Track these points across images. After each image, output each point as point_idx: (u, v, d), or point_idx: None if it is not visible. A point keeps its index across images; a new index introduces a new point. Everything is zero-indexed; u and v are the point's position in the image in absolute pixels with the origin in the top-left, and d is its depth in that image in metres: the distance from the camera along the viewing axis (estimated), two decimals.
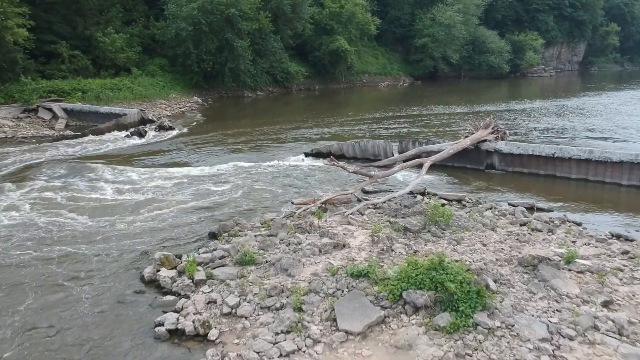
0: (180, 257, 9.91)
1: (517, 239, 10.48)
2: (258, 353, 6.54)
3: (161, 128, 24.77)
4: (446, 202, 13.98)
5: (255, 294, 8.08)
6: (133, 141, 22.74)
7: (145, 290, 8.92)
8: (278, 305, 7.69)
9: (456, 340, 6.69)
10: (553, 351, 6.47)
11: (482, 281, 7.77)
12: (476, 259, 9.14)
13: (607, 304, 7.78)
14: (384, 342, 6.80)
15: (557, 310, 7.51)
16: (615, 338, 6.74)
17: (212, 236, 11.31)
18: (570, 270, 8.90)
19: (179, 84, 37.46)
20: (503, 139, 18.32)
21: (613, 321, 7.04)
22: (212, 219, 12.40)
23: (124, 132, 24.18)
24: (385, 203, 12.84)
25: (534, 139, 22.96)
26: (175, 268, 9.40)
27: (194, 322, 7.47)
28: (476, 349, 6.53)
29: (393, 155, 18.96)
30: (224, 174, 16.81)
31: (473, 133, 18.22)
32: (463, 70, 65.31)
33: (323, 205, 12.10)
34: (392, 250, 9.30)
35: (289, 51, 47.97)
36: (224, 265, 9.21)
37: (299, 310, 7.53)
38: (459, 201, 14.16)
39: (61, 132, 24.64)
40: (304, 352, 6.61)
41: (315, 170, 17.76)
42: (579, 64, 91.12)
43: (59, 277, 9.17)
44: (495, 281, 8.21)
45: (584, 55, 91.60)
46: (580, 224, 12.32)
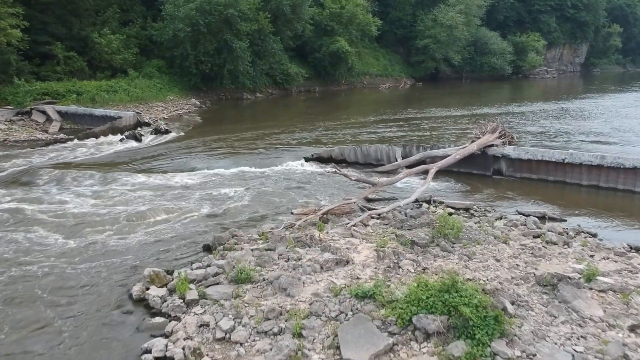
0: (171, 273, 9.26)
1: (532, 253, 9.81)
2: None
3: (157, 131, 24.10)
4: (453, 210, 13.40)
5: (251, 316, 7.42)
6: (128, 145, 22.08)
7: (133, 310, 8.26)
8: (276, 330, 7.03)
9: None
10: None
11: (498, 304, 7.11)
12: (490, 277, 8.47)
13: (634, 329, 7.12)
14: None
15: (581, 337, 6.85)
16: None
17: (207, 249, 10.66)
18: (592, 289, 8.23)
19: (176, 86, 36.76)
20: (510, 143, 17.69)
21: None
22: (206, 229, 11.74)
23: (119, 136, 23.51)
24: (389, 213, 12.18)
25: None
26: (165, 286, 8.75)
27: (184, 349, 6.82)
28: None
29: (396, 161, 18.33)
30: (221, 180, 16.16)
31: (479, 137, 17.58)
32: (465, 72, 64.65)
33: (324, 216, 11.44)
34: (400, 267, 8.64)
35: (289, 52, 47.28)
36: (218, 284, 8.54)
37: (299, 336, 6.87)
38: (466, 210, 13.51)
39: (54, 136, 23.98)
40: None
41: (315, 175, 17.12)
42: (580, 65, 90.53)
43: (37, 298, 8.47)
44: (513, 303, 7.54)
45: (586, 57, 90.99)
46: (595, 235, 11.68)
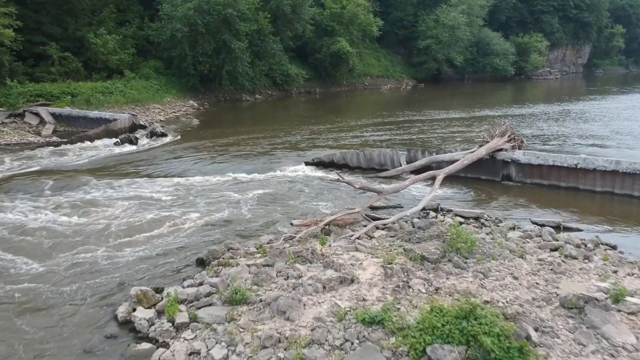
0: (161, 291, 8.54)
1: (551, 269, 9.06)
2: None
3: (153, 134, 23.35)
4: (462, 220, 12.67)
5: (247, 343, 6.69)
6: (122, 149, 21.32)
7: (117, 334, 7.53)
8: None
9: None
10: None
11: (522, 331, 6.37)
12: (509, 298, 7.72)
13: None
14: None
15: None
16: None
17: (200, 263, 9.93)
18: (620, 311, 7.49)
19: (174, 87, 35.99)
20: (520, 147, 16.95)
21: None
22: (200, 241, 11.00)
23: (113, 139, 22.76)
24: (396, 223, 11.44)
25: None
26: (154, 306, 8.02)
27: None
28: None
29: (401, 165, 17.61)
30: (218, 186, 15.41)
31: (487, 141, 16.84)
32: (467, 73, 63.87)
33: (326, 227, 10.70)
34: (410, 287, 7.89)
35: (289, 53, 46.52)
36: (210, 305, 7.80)
37: None
38: (476, 219, 12.77)
39: (47, 139, 23.24)
40: None
41: (316, 181, 16.37)
42: (583, 66, 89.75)
43: (13, 323, 7.72)
44: (537, 329, 6.81)
45: (588, 58, 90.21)
46: (615, 247, 10.96)
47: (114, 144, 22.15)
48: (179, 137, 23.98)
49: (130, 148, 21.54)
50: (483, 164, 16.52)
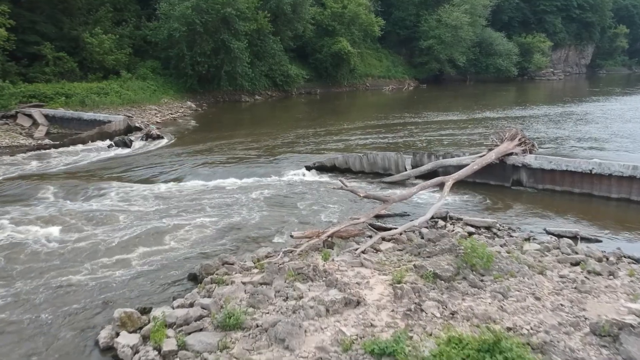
0: (148, 312, 7.77)
1: (575, 287, 8.29)
2: None
3: (148, 137, 22.57)
4: (473, 230, 11.93)
5: None
6: (116, 152, 20.55)
7: None
8: None
9: None
10: None
11: None
12: (534, 323, 6.95)
13: None
14: None
15: None
16: None
17: (193, 279, 9.18)
18: None
19: (171, 88, 35.18)
20: (531, 151, 16.18)
21: None
22: (193, 253, 10.25)
23: (107, 142, 22.00)
24: (403, 234, 10.67)
25: None
26: (140, 330, 7.26)
27: None
28: None
29: (406, 170, 16.85)
30: (213, 192, 14.62)
31: (497, 145, 16.08)
32: (469, 74, 63.03)
33: (329, 239, 9.92)
34: (422, 311, 7.12)
35: (289, 53, 45.70)
36: (201, 330, 7.04)
37: None
38: (488, 228, 12.04)
39: (39, 141, 22.43)
40: None
41: (318, 186, 15.61)
42: (586, 66, 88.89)
43: None
44: None
45: (591, 58, 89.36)
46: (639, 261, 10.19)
47: (108, 146, 21.40)
48: (175, 139, 23.21)
49: (124, 151, 20.77)
50: (492, 168, 15.76)
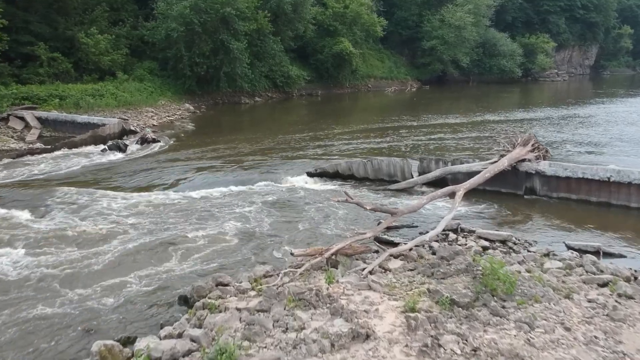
0: (132, 343, 6.95)
1: (606, 314, 7.43)
2: None
3: (144, 141, 21.75)
4: (487, 243, 11.11)
5: None
6: (109, 157, 19.71)
7: None
8: None
9: None
10: None
11: None
12: None
13: None
14: None
15: None
16: None
17: (184, 301, 8.33)
18: None
19: (169, 90, 34.35)
20: (545, 157, 15.34)
21: None
22: (185, 271, 9.43)
23: (101, 146, 21.19)
24: (413, 250, 9.83)
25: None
26: None
27: None
28: None
29: (412, 177, 16.03)
30: (207, 202, 13.78)
31: (509, 150, 15.24)
32: (472, 75, 62.21)
33: (333, 257, 9.09)
34: (440, 346, 6.27)
35: (290, 54, 44.92)
36: None
37: None
38: (503, 242, 11.22)
39: (31, 145, 21.65)
40: None
41: (320, 194, 14.77)
42: (590, 67, 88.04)
43: None
44: None
45: (595, 59, 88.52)
46: None
47: (101, 151, 20.59)
48: (172, 143, 22.41)
49: (118, 156, 19.95)
50: (504, 175, 14.91)
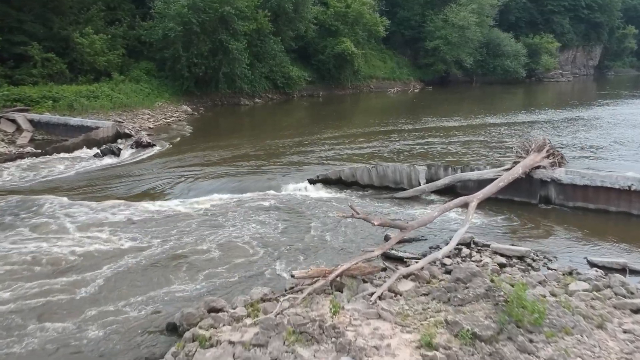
0: None
1: None
2: None
3: (138, 145, 20.91)
4: (504, 260, 10.26)
5: None
6: (102, 162, 18.88)
7: None
8: None
9: None
10: None
11: None
12: None
13: None
14: None
15: None
16: None
17: (172, 329, 7.50)
18: None
19: (167, 91, 33.49)
20: (560, 164, 14.49)
21: None
22: (173, 294, 8.57)
23: (94, 150, 20.35)
24: (424, 269, 8.99)
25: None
26: None
27: None
28: None
29: (419, 184, 15.17)
30: (202, 212, 12.90)
31: (523, 157, 14.37)
32: (475, 75, 61.33)
33: (338, 279, 8.23)
34: None
35: (291, 54, 44.07)
36: None
37: None
38: (521, 258, 10.38)
39: (21, 149, 20.81)
40: None
41: (323, 204, 13.93)
42: (594, 68, 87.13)
43: None
44: None
45: (599, 59, 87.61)
46: None
47: (94, 155, 19.74)
48: (167, 147, 21.57)
49: (111, 161, 19.12)
50: (517, 183, 14.03)
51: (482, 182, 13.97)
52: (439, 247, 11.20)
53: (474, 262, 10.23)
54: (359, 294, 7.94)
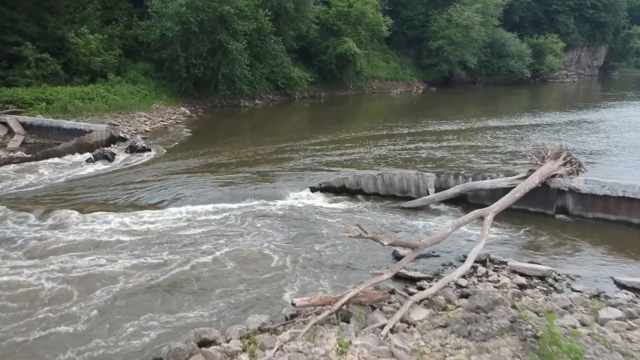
0: None
1: None
2: None
3: (133, 149, 20.07)
4: (524, 281, 9.40)
5: None
6: (94, 167, 18.06)
7: None
8: None
9: None
10: None
11: None
12: None
13: None
14: None
15: None
16: None
17: None
18: None
19: (164, 93, 32.64)
20: (578, 172, 13.61)
21: None
22: (161, 320, 7.73)
23: (87, 154, 19.52)
24: (439, 295, 8.14)
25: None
26: None
27: None
28: None
29: (428, 193, 14.31)
30: (196, 223, 12.03)
31: (539, 165, 13.51)
32: (479, 76, 60.42)
33: (344, 307, 7.38)
34: None
35: (292, 54, 43.21)
36: None
37: None
38: (542, 278, 9.52)
39: (11, 154, 19.97)
40: None
41: (326, 214, 13.08)
42: (599, 68, 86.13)
43: None
44: None
45: (604, 60, 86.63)
46: None
47: (86, 160, 18.91)
48: (164, 152, 20.72)
49: (105, 166, 18.28)
50: (532, 193, 13.16)
51: (495, 192, 13.15)
52: (452, 264, 10.36)
53: (491, 282, 9.39)
54: (367, 325, 7.08)
